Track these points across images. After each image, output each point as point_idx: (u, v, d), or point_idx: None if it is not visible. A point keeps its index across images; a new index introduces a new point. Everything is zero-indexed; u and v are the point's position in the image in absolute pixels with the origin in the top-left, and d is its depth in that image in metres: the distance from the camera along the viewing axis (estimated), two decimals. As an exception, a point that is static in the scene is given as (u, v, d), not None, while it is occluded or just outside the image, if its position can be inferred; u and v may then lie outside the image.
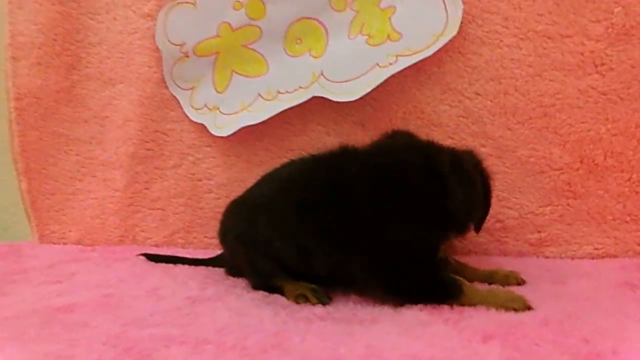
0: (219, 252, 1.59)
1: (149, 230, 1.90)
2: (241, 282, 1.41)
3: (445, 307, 1.11)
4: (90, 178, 1.95)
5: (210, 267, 1.59)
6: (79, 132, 1.95)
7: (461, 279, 1.18)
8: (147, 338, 1.01)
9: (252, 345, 0.96)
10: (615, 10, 1.52)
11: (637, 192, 1.56)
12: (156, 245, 1.89)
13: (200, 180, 1.84)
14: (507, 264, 1.50)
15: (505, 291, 1.17)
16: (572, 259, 1.60)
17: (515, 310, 1.08)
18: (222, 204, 1.80)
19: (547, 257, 1.62)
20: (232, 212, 1.44)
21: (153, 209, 1.89)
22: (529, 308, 1.09)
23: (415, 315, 1.08)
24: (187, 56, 1.78)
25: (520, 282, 1.32)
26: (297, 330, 1.03)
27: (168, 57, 1.80)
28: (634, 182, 1.56)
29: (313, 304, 1.20)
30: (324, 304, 1.21)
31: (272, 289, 1.31)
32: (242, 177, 1.80)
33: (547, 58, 1.57)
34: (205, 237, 1.86)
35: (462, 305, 1.10)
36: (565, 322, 1.00)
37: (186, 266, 1.62)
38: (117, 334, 1.03)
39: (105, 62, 1.91)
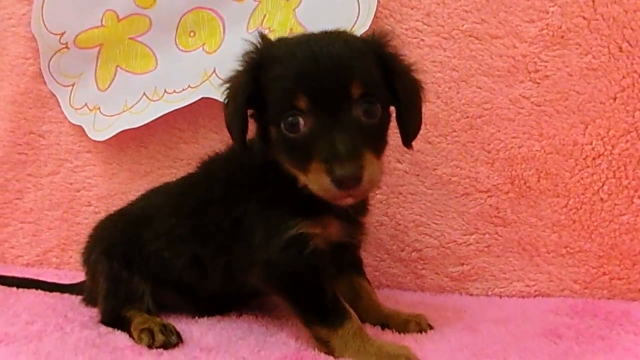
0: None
1: (20, 247, 1.65)
2: (82, 318, 1.16)
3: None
4: (-48, 185, 1.70)
5: (66, 296, 1.33)
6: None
7: (351, 313, 0.98)
8: None
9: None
10: (551, 9, 1.33)
11: (574, 221, 1.34)
12: (27, 265, 1.64)
13: (78, 190, 1.61)
14: (422, 302, 1.28)
15: (388, 344, 0.96)
16: (500, 297, 1.39)
17: None
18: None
19: (471, 295, 1.41)
20: (104, 227, 1.29)
21: (25, 223, 1.64)
22: None
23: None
24: (67, 47, 1.57)
25: (424, 329, 1.10)
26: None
27: (46, 47, 1.59)
28: (571, 209, 1.34)
29: (155, 342, 1.00)
30: (169, 344, 1.00)
31: (120, 322, 1.12)
32: (124, 189, 1.57)
33: (474, 61, 1.38)
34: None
35: (333, 349, 0.94)
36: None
37: (40, 292, 1.36)
38: None
39: (-27, 52, 1.68)
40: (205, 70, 1.44)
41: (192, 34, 1.48)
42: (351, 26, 1.36)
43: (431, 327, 1.10)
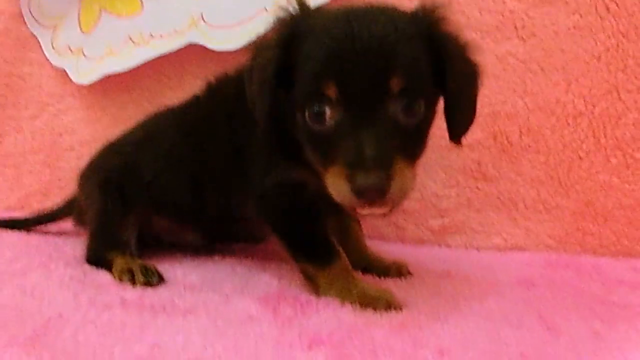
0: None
1: (1, 191, 1.62)
2: (69, 255, 1.17)
3: (289, 300, 0.89)
4: None
5: (49, 237, 1.33)
6: None
7: (341, 254, 0.97)
8: None
9: (26, 335, 0.72)
10: (542, -35, 1.32)
11: (552, 178, 1.37)
12: (8, 208, 1.62)
13: (60, 135, 1.59)
14: (403, 253, 1.31)
15: (370, 287, 0.95)
16: (478, 250, 1.43)
17: (375, 309, 0.87)
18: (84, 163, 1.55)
19: (449, 247, 1.43)
20: (105, 154, 1.28)
21: (5, 167, 1.63)
22: (394, 308, 0.88)
23: (246, 308, 0.86)
24: (49, -13, 1.51)
25: (404, 274, 1.11)
26: (81, 317, 0.80)
27: (26, -14, 1.52)
28: (550, 166, 1.37)
29: (136, 283, 1.00)
30: (150, 284, 1.00)
31: (103, 263, 1.12)
32: (108, 134, 1.52)
33: (462, 16, 1.37)
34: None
35: (318, 286, 0.94)
36: (425, 328, 0.79)
37: (18, 234, 1.36)
38: None
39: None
40: (192, 15, 1.40)
41: (178, -23, 1.45)
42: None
43: (411, 274, 1.12)
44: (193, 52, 1.42)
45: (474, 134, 1.38)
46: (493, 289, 1.04)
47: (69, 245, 1.29)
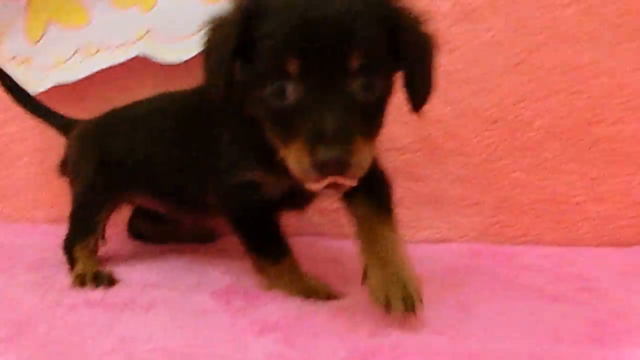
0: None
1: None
2: (29, 260, 1.24)
3: (240, 293, 1.00)
4: None
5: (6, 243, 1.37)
6: None
7: (290, 251, 1.05)
8: None
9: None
10: (462, -13, 1.47)
11: (474, 177, 1.53)
12: (-42, 217, 1.62)
13: (7, 144, 1.60)
14: (342, 249, 1.42)
15: (313, 281, 1.05)
16: (411, 242, 1.54)
17: (317, 298, 0.98)
18: (37, 170, 1.59)
19: (384, 241, 1.55)
20: (103, 132, 1.31)
21: None
22: (333, 297, 1.00)
23: (202, 302, 0.96)
24: (-6, -3, 1.53)
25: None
26: (51, 317, 0.88)
27: (-31, -5, 1.54)
28: (472, 166, 1.53)
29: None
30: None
31: (70, 259, 1.20)
32: (61, 141, 1.57)
33: (393, 31, 1.49)
34: (16, 208, 1.64)
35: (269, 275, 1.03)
36: (360, 313, 0.91)
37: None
38: None
39: None
40: (138, 30, 1.47)
41: (127, -8, 1.51)
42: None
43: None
44: (140, 63, 1.48)
45: (406, 138, 1.53)
46: (423, 275, 1.18)
47: (27, 248, 1.33)
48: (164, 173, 1.18)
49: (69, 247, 1.21)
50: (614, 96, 1.49)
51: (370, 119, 0.83)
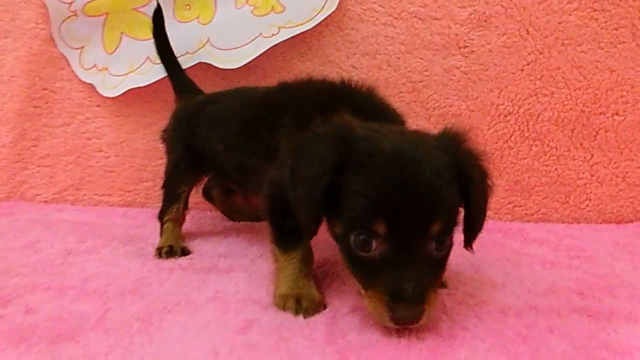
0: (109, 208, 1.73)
1: (38, 186, 1.91)
2: (122, 236, 1.49)
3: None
4: (-26, 134, 1.93)
5: (96, 222, 1.64)
6: (-39, 86, 1.91)
7: (305, 248, 1.08)
8: (14, 285, 1.07)
9: (112, 291, 1.06)
10: (478, -2, 1.69)
11: (489, 163, 1.75)
12: (45, 202, 1.90)
13: (89, 139, 1.87)
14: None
15: (303, 285, 1.05)
16: None
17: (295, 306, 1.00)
18: (112, 162, 1.87)
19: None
20: (192, 119, 1.46)
21: (42, 166, 1.90)
22: (316, 309, 1.01)
23: (268, 267, 1.20)
24: (76, 15, 1.79)
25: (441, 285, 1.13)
26: (158, 278, 1.14)
27: (56, 14, 1.80)
28: (487, 154, 1.75)
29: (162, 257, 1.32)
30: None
31: (161, 226, 1.46)
32: (131, 137, 1.85)
33: (417, 37, 1.72)
34: (95, 194, 1.90)
35: (278, 261, 1.08)
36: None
37: (71, 219, 1.66)
38: (-18, 282, 1.09)
39: (-12, 15, 1.87)
40: (200, 39, 1.72)
41: (187, 7, 1.74)
42: (322, 5, 1.67)
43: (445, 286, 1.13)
44: (202, 69, 1.73)
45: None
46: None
47: (113, 227, 1.60)
48: (232, 168, 1.33)
49: (162, 214, 1.46)
50: (613, 91, 1.70)
51: (438, 269, 0.91)
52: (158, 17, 1.67)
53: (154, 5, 1.74)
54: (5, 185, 1.91)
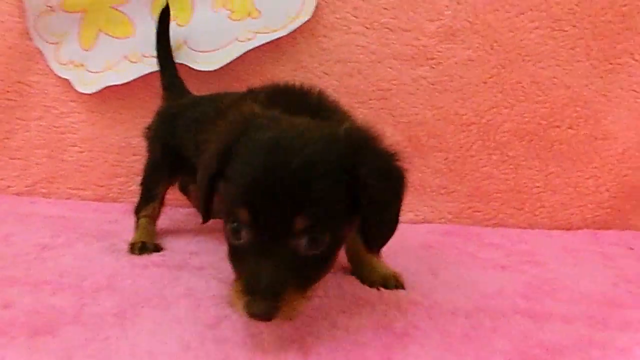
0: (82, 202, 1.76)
1: (10, 179, 1.92)
2: (96, 231, 1.53)
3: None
4: (-55, 125, 1.93)
5: (69, 216, 1.67)
6: None
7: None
8: (-10, 279, 1.11)
9: (87, 286, 1.11)
10: (446, 12, 1.78)
11: (451, 170, 1.85)
12: (17, 194, 1.92)
13: (63, 133, 1.89)
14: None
15: None
16: None
17: None
18: (86, 157, 1.90)
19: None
20: (170, 121, 1.50)
21: (15, 159, 1.91)
22: None
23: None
24: (53, 10, 1.81)
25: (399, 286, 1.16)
26: (131, 274, 1.19)
27: (31, 8, 1.81)
28: (450, 161, 1.85)
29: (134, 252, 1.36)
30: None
31: (136, 220, 1.52)
32: (106, 132, 1.88)
33: (388, 47, 1.80)
34: (68, 187, 1.92)
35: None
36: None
37: (44, 213, 1.69)
38: (-41, 275, 1.12)
39: (-39, 7, 1.87)
40: (178, 41, 1.76)
41: (165, 9, 1.79)
42: (297, 12, 1.73)
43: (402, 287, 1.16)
44: (178, 69, 1.78)
45: (394, 137, 1.84)
46: (402, 250, 1.49)
47: (86, 221, 1.63)
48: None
49: (137, 210, 1.51)
50: (569, 106, 1.81)
51: (311, 270, 0.86)
52: (165, 15, 1.72)
53: (132, 4, 1.78)
54: (-23, 176, 1.93)
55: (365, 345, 0.90)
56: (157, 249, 1.41)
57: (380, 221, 0.90)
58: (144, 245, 1.39)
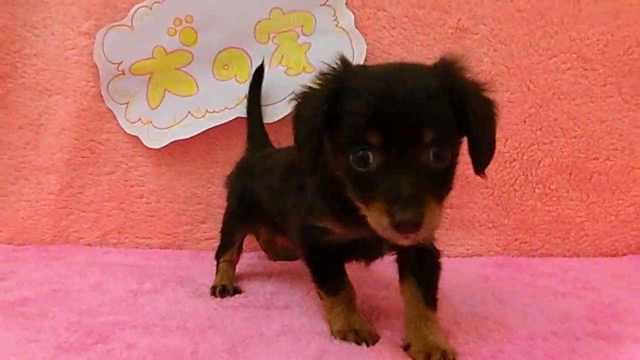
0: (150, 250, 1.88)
1: (82, 230, 2.06)
2: (175, 277, 1.64)
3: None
4: (23, 181, 2.08)
5: (145, 264, 1.79)
6: (13, 137, 2.07)
7: (347, 288, 1.20)
8: (103, 323, 1.23)
9: (192, 327, 1.22)
10: (484, 60, 1.92)
11: (497, 204, 1.96)
12: (89, 244, 2.05)
13: (132, 186, 2.03)
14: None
15: (357, 322, 1.16)
16: (448, 257, 1.97)
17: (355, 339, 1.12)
18: (153, 208, 2.03)
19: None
20: (243, 174, 1.65)
21: (87, 212, 2.05)
22: (372, 340, 1.12)
23: (319, 302, 1.37)
24: (123, 74, 1.97)
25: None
26: (226, 315, 1.30)
27: (105, 73, 1.98)
28: (495, 196, 1.96)
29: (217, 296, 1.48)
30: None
31: (217, 265, 1.62)
32: (172, 184, 2.02)
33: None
34: (137, 237, 2.05)
35: (326, 301, 1.21)
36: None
37: (120, 262, 1.81)
38: (76, 321, 1.24)
39: (41, 74, 2.05)
40: (238, 96, 1.92)
41: (225, 67, 1.94)
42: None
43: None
44: (239, 123, 1.92)
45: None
46: (463, 281, 1.60)
47: (163, 269, 1.75)
48: (275, 214, 1.44)
49: (217, 255, 1.62)
50: (604, 139, 1.92)
51: (440, 183, 0.95)
52: (259, 72, 1.86)
53: (194, 65, 1.95)
54: (52, 229, 2.06)
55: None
56: (237, 291, 1.51)
57: (486, 138, 1.01)
58: (225, 289, 1.50)
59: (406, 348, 1.07)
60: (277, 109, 1.88)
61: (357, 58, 1.88)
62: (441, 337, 1.08)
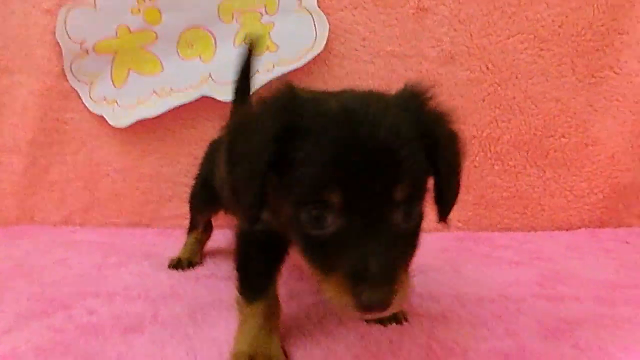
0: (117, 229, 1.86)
1: (48, 210, 2.06)
2: (140, 252, 1.66)
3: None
4: (-15, 162, 2.06)
5: (111, 242, 1.80)
6: (-26, 117, 2.05)
7: (268, 298, 0.97)
8: (66, 294, 1.25)
9: (154, 296, 1.25)
10: (445, 39, 1.96)
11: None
12: (54, 224, 2.05)
13: (98, 165, 2.04)
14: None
15: (263, 341, 0.93)
16: None
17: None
18: (119, 187, 2.04)
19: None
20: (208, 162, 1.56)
21: (52, 191, 2.05)
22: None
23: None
24: (87, 53, 1.96)
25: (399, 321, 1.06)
26: (188, 285, 1.34)
27: (68, 52, 1.97)
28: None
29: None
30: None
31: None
32: (138, 163, 2.03)
33: (394, 73, 1.98)
34: (103, 216, 2.06)
35: (241, 313, 0.99)
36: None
37: (86, 240, 1.82)
38: (39, 292, 1.25)
39: (2, 52, 2.02)
40: (202, 75, 1.93)
41: (190, 46, 1.95)
42: (311, 45, 1.91)
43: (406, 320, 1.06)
44: (204, 102, 1.94)
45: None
46: (422, 253, 1.65)
47: (129, 246, 1.76)
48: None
49: (188, 233, 1.62)
50: (560, 117, 1.99)
51: (409, 245, 0.79)
52: (248, 57, 1.58)
53: (159, 44, 1.95)
54: (16, 209, 2.05)
55: (402, 335, 1.04)
56: (192, 264, 1.53)
57: (454, 183, 0.87)
58: (179, 261, 1.52)
59: None
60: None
61: (320, 36, 1.91)
62: None
